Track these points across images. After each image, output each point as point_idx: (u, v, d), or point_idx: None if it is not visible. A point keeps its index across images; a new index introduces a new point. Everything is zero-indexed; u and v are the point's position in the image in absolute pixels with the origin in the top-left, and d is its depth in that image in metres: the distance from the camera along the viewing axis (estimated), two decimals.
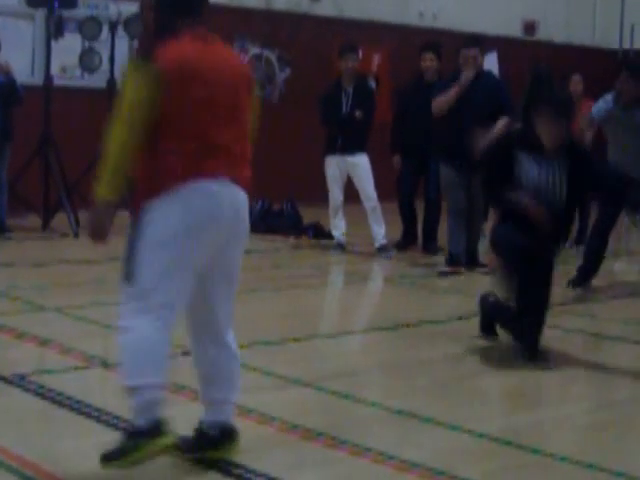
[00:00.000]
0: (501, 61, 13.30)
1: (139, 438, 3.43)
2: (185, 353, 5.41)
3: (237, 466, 3.72)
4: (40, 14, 11.05)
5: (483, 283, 8.48)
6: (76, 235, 9.73)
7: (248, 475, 3.65)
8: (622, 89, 7.63)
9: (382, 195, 9.61)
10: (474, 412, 4.68)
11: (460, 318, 6.74)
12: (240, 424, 4.23)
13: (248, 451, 3.88)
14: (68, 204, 10.00)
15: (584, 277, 7.87)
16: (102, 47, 10.72)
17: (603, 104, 7.78)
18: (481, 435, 4.23)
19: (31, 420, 4.30)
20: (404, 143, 9.68)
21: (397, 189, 9.87)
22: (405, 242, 9.80)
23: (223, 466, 3.72)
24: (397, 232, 9.86)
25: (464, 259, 8.71)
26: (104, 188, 3.40)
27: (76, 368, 5.07)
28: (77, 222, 9.83)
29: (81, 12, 10.98)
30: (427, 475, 3.71)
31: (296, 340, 5.96)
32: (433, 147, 9.00)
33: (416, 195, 9.82)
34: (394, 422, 4.45)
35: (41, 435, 3.97)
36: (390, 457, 3.87)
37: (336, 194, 9.58)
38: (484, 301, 5.88)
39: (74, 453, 3.83)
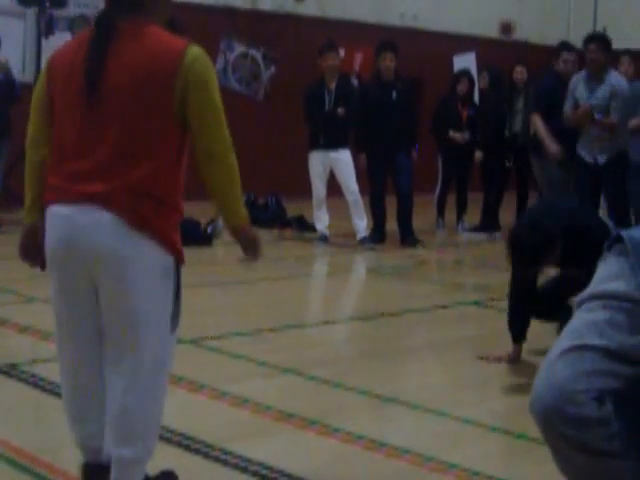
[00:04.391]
0: (479, 61, 13.57)
1: None
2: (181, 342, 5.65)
3: (229, 453, 3.76)
4: (31, 13, 11.19)
5: (468, 272, 8.82)
6: None
7: (241, 462, 3.68)
8: (592, 60, 8.06)
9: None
10: (459, 398, 4.75)
11: (441, 307, 6.89)
12: (229, 412, 4.32)
13: (239, 438, 3.93)
14: None
15: None
16: None
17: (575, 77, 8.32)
18: (466, 421, 4.30)
19: (25, 410, 4.29)
20: (370, 141, 9.76)
21: (369, 187, 9.92)
22: (374, 239, 9.80)
23: (216, 453, 3.76)
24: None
25: None
26: (242, 210, 3.15)
27: None
28: None
29: (71, 11, 11.12)
30: (417, 462, 3.77)
31: (282, 329, 6.05)
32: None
33: (386, 191, 9.92)
34: (380, 408, 4.52)
35: (36, 425, 3.88)
36: (382, 444, 3.93)
37: (319, 188, 9.76)
38: None
39: (71, 443, 3.75)
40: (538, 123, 8.94)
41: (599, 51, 8.00)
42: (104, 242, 2.89)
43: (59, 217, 2.96)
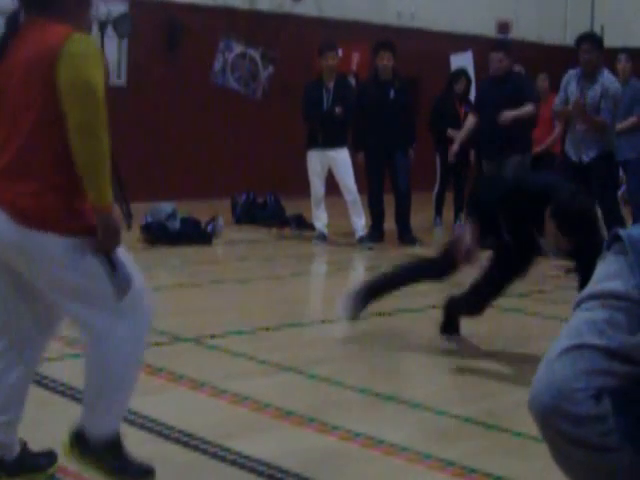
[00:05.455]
0: (476, 59, 13.63)
1: None
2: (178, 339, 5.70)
3: (228, 450, 3.79)
4: None
5: (463, 271, 8.83)
6: None
7: (239, 459, 3.72)
8: (585, 60, 8.05)
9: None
10: (456, 396, 4.80)
11: (439, 305, 6.88)
12: (228, 409, 4.35)
13: (238, 435, 3.97)
14: None
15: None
16: None
17: (566, 76, 8.30)
18: (462, 418, 4.35)
19: (29, 408, 4.24)
20: (368, 140, 9.84)
21: (368, 185, 9.99)
22: (372, 238, 9.84)
23: (214, 450, 3.80)
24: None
25: None
26: (108, 192, 3.06)
27: (72, 355, 4.95)
28: None
29: None
30: (414, 459, 3.81)
31: (281, 327, 6.09)
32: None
33: (384, 190, 9.99)
34: (378, 406, 4.56)
35: (40, 423, 3.84)
36: (379, 441, 3.97)
37: (317, 187, 9.81)
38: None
39: None
40: (466, 123, 9.75)
41: (592, 51, 8.03)
42: (3, 235, 3.03)
43: None
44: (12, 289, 3.21)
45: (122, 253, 3.15)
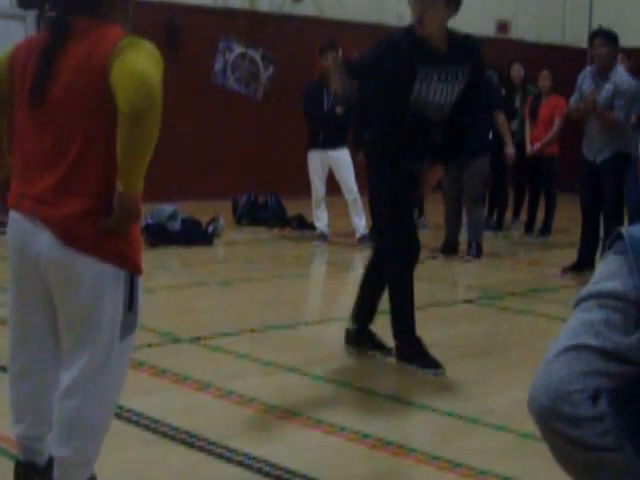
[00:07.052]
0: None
1: None
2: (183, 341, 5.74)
3: (233, 451, 3.82)
4: (31, 15, 11.25)
5: (460, 270, 8.87)
6: None
7: (244, 459, 3.75)
8: (597, 55, 8.02)
9: None
10: (453, 395, 4.83)
11: (438, 304, 6.93)
12: (233, 409, 4.38)
13: (242, 436, 4.01)
14: None
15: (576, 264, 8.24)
16: None
17: (581, 77, 8.24)
18: (469, 419, 4.38)
19: None
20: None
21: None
22: (373, 237, 9.92)
23: (220, 451, 3.83)
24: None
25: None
26: (140, 183, 2.94)
27: None
28: None
29: None
30: (424, 460, 3.84)
31: (281, 327, 6.11)
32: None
33: None
34: (384, 407, 4.57)
35: None
36: (387, 442, 4.00)
37: (318, 187, 9.81)
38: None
39: None
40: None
41: (603, 46, 7.98)
42: (47, 254, 2.95)
43: (15, 222, 3.07)
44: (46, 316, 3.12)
45: (140, 300, 3.08)
